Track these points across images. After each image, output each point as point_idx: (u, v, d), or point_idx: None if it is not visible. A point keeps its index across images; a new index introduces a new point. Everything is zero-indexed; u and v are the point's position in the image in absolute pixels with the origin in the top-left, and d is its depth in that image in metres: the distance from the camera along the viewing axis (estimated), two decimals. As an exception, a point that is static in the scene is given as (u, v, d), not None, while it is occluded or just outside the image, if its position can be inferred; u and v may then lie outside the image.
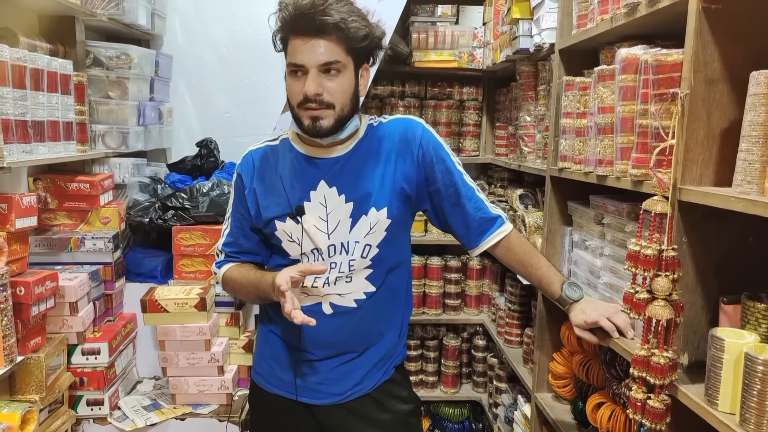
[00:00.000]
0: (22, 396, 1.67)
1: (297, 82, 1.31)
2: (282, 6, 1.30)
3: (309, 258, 1.42)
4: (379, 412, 1.50)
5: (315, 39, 1.27)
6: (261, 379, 1.54)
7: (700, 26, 1.08)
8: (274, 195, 1.43)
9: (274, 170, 1.45)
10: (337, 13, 1.26)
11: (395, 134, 1.44)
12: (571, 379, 1.84)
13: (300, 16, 1.26)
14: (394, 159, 1.42)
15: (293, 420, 1.51)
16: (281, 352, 1.50)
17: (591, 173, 1.50)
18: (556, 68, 1.79)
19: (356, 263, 1.41)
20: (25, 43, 1.79)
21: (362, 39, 1.31)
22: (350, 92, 1.35)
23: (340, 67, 1.31)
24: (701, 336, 1.16)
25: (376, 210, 1.40)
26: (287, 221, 1.40)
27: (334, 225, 1.40)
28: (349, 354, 1.47)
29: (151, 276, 2.27)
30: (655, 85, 1.18)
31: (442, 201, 1.46)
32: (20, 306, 1.60)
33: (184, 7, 2.78)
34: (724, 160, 1.10)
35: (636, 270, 1.14)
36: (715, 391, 1.02)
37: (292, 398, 1.49)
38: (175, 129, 2.83)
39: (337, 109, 1.32)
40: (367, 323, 1.46)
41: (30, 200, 1.67)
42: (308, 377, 1.47)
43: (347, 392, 1.47)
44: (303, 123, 1.34)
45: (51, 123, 1.84)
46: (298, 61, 1.29)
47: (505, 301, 2.51)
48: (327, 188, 1.41)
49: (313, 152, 1.43)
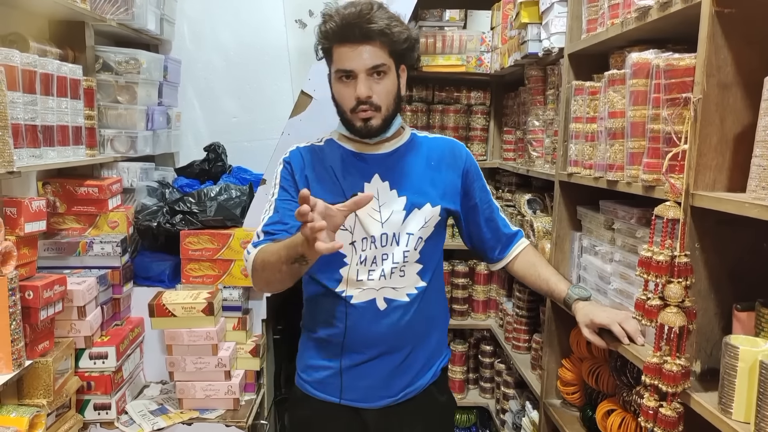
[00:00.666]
0: (29, 400, 1.67)
1: (347, 87, 1.41)
2: (327, 18, 1.39)
3: (358, 247, 1.46)
4: (426, 414, 1.55)
5: (362, 45, 1.37)
6: (306, 385, 1.55)
7: (713, 30, 1.07)
8: (326, 184, 1.48)
9: (323, 164, 1.51)
10: (381, 20, 1.36)
11: (444, 148, 1.57)
12: (581, 386, 1.82)
13: (347, 26, 1.35)
14: (444, 168, 1.54)
15: (339, 425, 1.52)
16: (327, 356, 1.52)
17: (601, 178, 1.49)
18: (565, 73, 1.78)
19: (410, 255, 1.48)
20: (35, 48, 1.80)
21: (403, 42, 1.42)
22: (394, 92, 1.45)
23: (386, 69, 1.40)
24: (714, 343, 1.14)
25: (431, 206, 1.49)
26: None
27: (387, 215, 1.47)
28: (399, 354, 1.50)
29: (158, 280, 2.27)
30: (667, 90, 1.17)
31: (478, 216, 1.59)
32: (29, 310, 1.60)
33: (193, 13, 2.79)
34: (737, 166, 1.09)
35: (648, 276, 1.13)
36: (729, 399, 1.01)
37: (338, 402, 1.51)
38: (183, 133, 2.84)
39: (383, 110, 1.43)
40: (418, 319, 1.50)
41: (39, 204, 1.67)
42: (357, 381, 1.50)
43: (398, 395, 1.51)
44: (355, 125, 1.44)
45: (60, 127, 1.84)
46: (348, 67, 1.38)
47: (513, 306, 2.50)
48: (380, 182, 1.48)
49: (362, 149, 1.51)
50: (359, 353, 1.48)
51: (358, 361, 1.49)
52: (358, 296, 1.46)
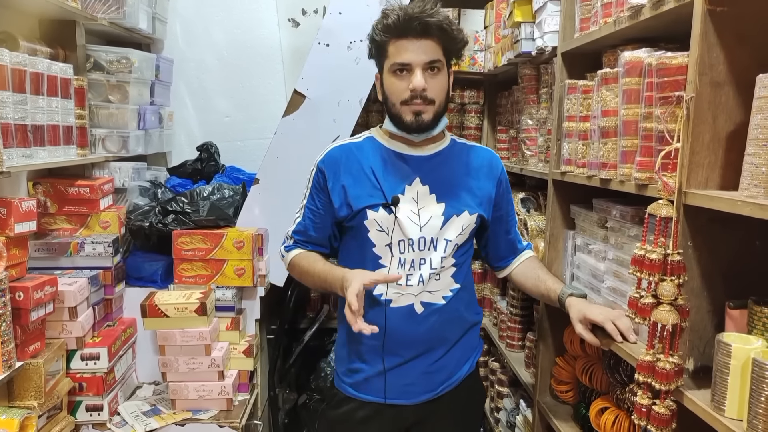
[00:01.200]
0: (20, 402, 1.66)
1: (401, 80, 1.42)
2: (389, 12, 1.41)
3: (395, 250, 1.48)
4: (464, 405, 1.60)
5: (421, 40, 1.40)
6: (349, 387, 1.58)
7: (706, 29, 1.07)
8: (365, 186, 1.49)
9: (362, 163, 1.52)
10: (441, 17, 1.40)
11: (484, 158, 1.60)
12: (574, 384, 1.82)
13: (410, 20, 1.38)
14: (483, 177, 1.57)
15: (383, 422, 1.56)
16: (368, 359, 1.54)
17: (594, 177, 1.49)
18: (558, 71, 1.78)
19: (447, 261, 1.51)
20: (25, 47, 1.79)
21: (458, 42, 1.46)
22: (446, 90, 1.48)
23: (440, 66, 1.43)
24: (707, 341, 1.15)
25: (468, 213, 1.52)
26: (380, 211, 1.47)
27: (425, 220, 1.49)
28: (437, 352, 1.54)
29: (151, 280, 2.26)
30: (660, 88, 1.17)
31: (500, 227, 1.65)
32: (19, 311, 1.58)
33: (185, 11, 2.78)
34: (730, 164, 1.10)
35: (641, 274, 1.13)
36: (722, 397, 1.01)
37: (380, 402, 1.54)
38: (176, 133, 2.82)
39: (436, 105, 1.44)
40: (453, 319, 1.55)
41: (29, 205, 1.66)
42: (399, 380, 1.53)
43: (438, 388, 1.55)
44: (405, 119, 1.44)
45: (51, 127, 1.83)
46: (405, 60, 1.40)
47: (507, 305, 2.50)
48: (420, 186, 1.50)
49: (404, 149, 1.53)
50: (398, 355, 1.52)
51: (398, 363, 1.52)
52: (397, 300, 1.49)
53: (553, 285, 1.59)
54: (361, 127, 2.97)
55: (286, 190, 2.23)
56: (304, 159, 2.20)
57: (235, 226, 2.26)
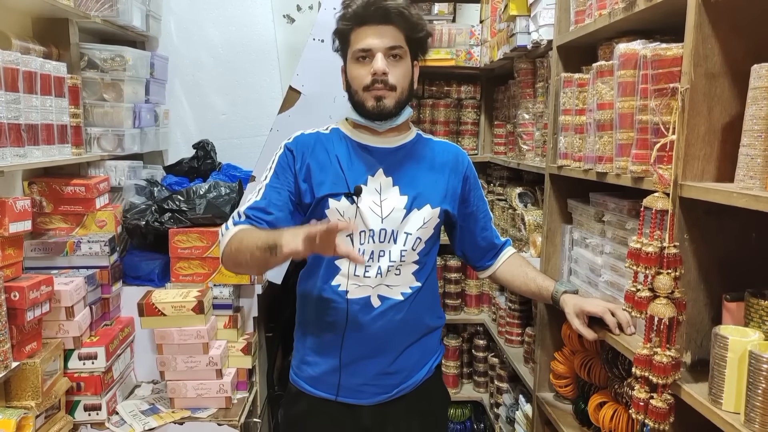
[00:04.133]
0: (17, 402, 1.65)
1: (363, 67, 1.42)
2: (348, 2, 1.42)
3: (356, 240, 1.45)
4: (421, 409, 1.56)
5: (382, 26, 1.40)
6: (301, 381, 1.56)
7: (700, 20, 1.06)
8: (329, 173, 1.47)
9: (329, 152, 1.50)
10: (400, 3, 1.41)
11: (449, 153, 1.58)
12: (573, 379, 1.82)
13: (367, 6, 1.39)
14: (448, 172, 1.55)
15: (335, 421, 1.53)
16: (324, 353, 1.52)
17: (590, 170, 1.48)
18: (554, 65, 1.78)
19: (407, 255, 1.48)
20: (17, 45, 1.78)
21: (420, 30, 1.45)
22: (409, 78, 1.46)
23: (402, 53, 1.43)
24: (704, 334, 1.14)
25: (431, 207, 1.49)
26: (342, 200, 1.45)
27: (387, 212, 1.46)
28: (393, 352, 1.51)
29: (148, 279, 2.25)
30: (655, 80, 1.16)
31: (474, 224, 1.62)
32: (15, 311, 1.58)
33: (179, 9, 2.76)
34: (725, 156, 1.09)
35: (637, 268, 1.13)
36: (719, 390, 1.00)
37: (333, 399, 1.52)
38: (172, 131, 2.81)
39: (398, 92, 1.43)
40: (411, 318, 1.51)
41: (24, 204, 1.65)
42: (352, 378, 1.50)
43: (392, 392, 1.52)
44: (366, 104, 1.43)
45: (45, 126, 1.82)
46: (367, 45, 1.40)
47: (506, 300, 2.50)
48: (384, 177, 1.48)
49: (368, 140, 1.51)
50: (354, 351, 1.49)
51: (354, 358, 1.49)
52: (354, 291, 1.46)
53: (544, 282, 1.57)
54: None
55: (283, 187, 2.22)
56: (301, 156, 2.20)
57: (231, 224, 2.25)
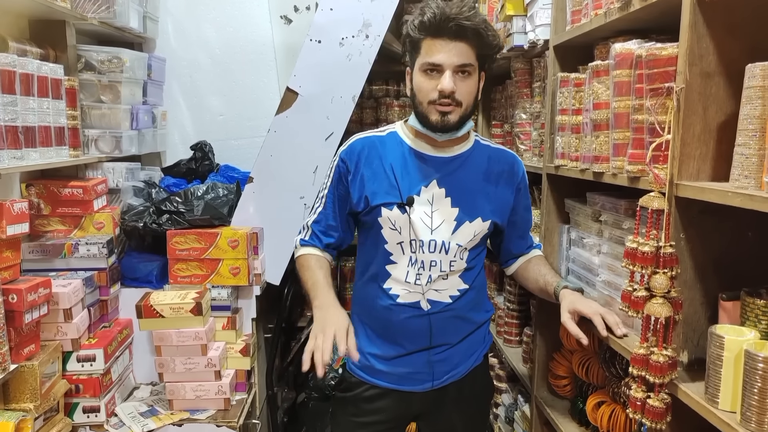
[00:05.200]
0: (16, 404, 1.65)
1: (430, 80, 1.41)
2: (425, 9, 1.39)
3: (406, 248, 1.49)
4: (471, 397, 1.61)
5: (455, 42, 1.38)
6: (354, 368, 1.61)
7: (695, 19, 1.06)
8: (382, 182, 1.49)
9: (382, 159, 1.52)
10: (478, 21, 1.38)
11: (505, 162, 1.59)
12: (571, 379, 1.82)
13: (446, 20, 1.36)
14: (503, 183, 1.56)
15: (385, 406, 1.58)
16: (374, 345, 1.57)
17: (587, 170, 1.48)
18: (550, 65, 1.78)
19: (456, 265, 1.52)
20: (14, 47, 1.77)
21: (493, 48, 1.44)
22: (474, 94, 1.46)
23: (472, 70, 1.42)
24: (701, 333, 1.14)
25: (482, 220, 1.52)
26: (394, 209, 1.48)
27: (438, 223, 1.48)
28: (442, 347, 1.55)
29: (146, 281, 2.25)
30: (650, 80, 1.16)
31: (514, 231, 1.65)
32: (13, 314, 1.58)
33: (176, 10, 2.76)
34: (721, 155, 1.09)
35: (634, 267, 1.13)
36: (716, 389, 1.01)
37: (386, 386, 1.56)
38: (170, 132, 2.81)
39: (463, 107, 1.44)
40: (460, 316, 1.55)
41: (21, 207, 1.65)
42: (401, 368, 1.55)
43: (443, 377, 1.56)
44: (431, 118, 1.44)
45: (42, 128, 1.82)
46: (437, 60, 1.39)
47: (504, 300, 2.50)
48: (437, 188, 1.49)
49: (425, 149, 1.53)
50: (403, 346, 1.54)
51: (403, 353, 1.54)
52: (404, 296, 1.52)
53: (551, 279, 1.59)
54: (355, 123, 2.97)
55: (281, 188, 2.22)
56: (298, 156, 2.20)
57: (229, 225, 2.25)
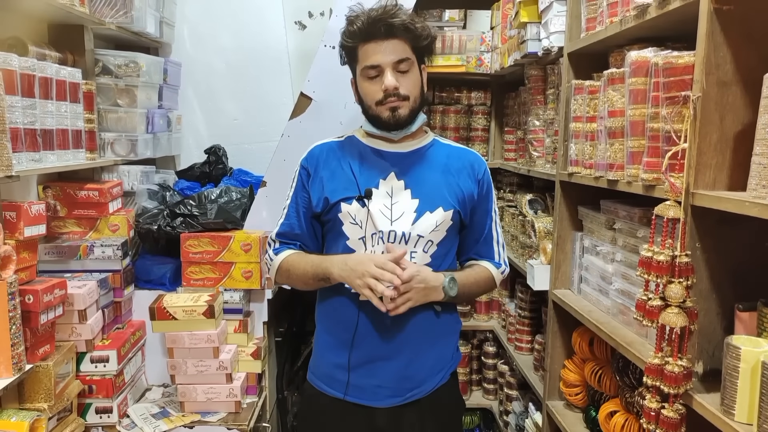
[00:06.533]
0: (30, 404, 1.67)
1: (374, 83, 1.44)
2: (353, 19, 1.44)
3: (368, 243, 1.47)
4: (434, 416, 1.54)
5: (387, 41, 1.42)
6: (316, 379, 1.58)
7: (712, 28, 1.06)
8: (341, 179, 1.50)
9: (341, 160, 1.53)
10: (404, 16, 1.42)
11: (465, 159, 1.56)
12: (583, 387, 1.81)
13: (373, 23, 1.41)
14: (465, 176, 1.54)
15: (346, 421, 1.53)
16: (337, 354, 1.52)
17: (601, 178, 1.48)
18: (564, 72, 1.78)
19: (418, 256, 1.47)
20: (34, 52, 1.80)
21: (425, 38, 1.47)
22: (419, 86, 1.48)
23: (410, 64, 1.44)
24: (716, 344, 1.13)
25: (443, 210, 1.48)
26: (353, 203, 1.47)
27: (398, 215, 1.47)
28: (406, 356, 1.50)
29: (159, 283, 2.27)
30: (666, 88, 1.16)
31: (469, 232, 1.58)
32: (29, 314, 1.59)
33: (193, 15, 2.79)
34: (738, 164, 1.08)
35: (649, 276, 1.12)
36: (732, 400, 1.00)
37: (347, 400, 1.52)
38: (184, 136, 2.83)
39: (411, 100, 1.45)
40: (426, 322, 1.50)
41: (38, 208, 1.67)
42: (365, 379, 1.50)
43: (405, 395, 1.51)
44: (382, 117, 1.45)
45: (60, 131, 1.84)
46: (375, 62, 1.42)
47: (516, 308, 2.49)
48: (396, 180, 1.49)
49: (381, 146, 1.53)
50: (367, 352, 1.49)
51: (366, 360, 1.49)
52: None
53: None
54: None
55: (294, 193, 2.23)
56: (311, 161, 2.21)
57: (242, 229, 2.27)
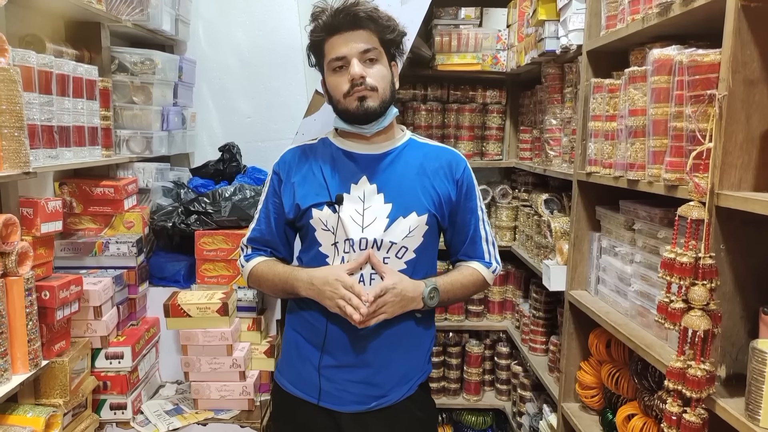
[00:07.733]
0: (46, 400, 1.68)
1: (341, 75, 1.41)
2: (317, 14, 1.42)
3: (340, 248, 1.43)
4: (401, 427, 1.50)
5: (352, 32, 1.39)
6: (284, 380, 1.55)
7: (739, 25, 1.04)
8: (313, 185, 1.47)
9: (312, 164, 1.50)
10: (369, 7, 1.40)
11: (443, 158, 1.51)
12: (600, 389, 1.79)
13: (336, 14, 1.38)
14: (441, 177, 1.48)
15: (314, 424, 1.51)
16: (306, 355, 1.50)
17: (621, 177, 1.45)
18: (583, 70, 1.75)
19: (391, 262, 1.43)
20: (51, 49, 1.81)
21: (391, 31, 1.43)
22: (388, 78, 1.44)
23: (377, 54, 1.41)
24: (740, 348, 1.11)
25: (417, 215, 1.44)
26: (324, 209, 1.44)
27: (369, 221, 1.43)
28: (374, 364, 1.46)
29: (173, 280, 2.28)
30: (691, 87, 1.13)
31: (455, 233, 1.54)
32: (45, 310, 1.60)
33: (208, 13, 2.80)
34: (764, 164, 1.06)
35: (671, 278, 1.10)
36: (757, 405, 0.98)
37: (313, 402, 1.49)
38: (198, 134, 2.84)
39: (380, 92, 1.41)
40: (397, 331, 1.45)
41: (55, 205, 1.68)
42: (332, 383, 1.47)
43: (370, 404, 1.47)
44: (350, 108, 1.41)
45: (76, 128, 1.85)
46: (341, 53, 1.39)
47: (530, 308, 2.47)
48: (368, 184, 1.45)
49: (354, 147, 1.49)
50: (336, 357, 1.46)
51: (334, 364, 1.46)
52: None
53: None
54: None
55: (308, 191, 2.23)
56: (326, 160, 2.20)
57: (256, 227, 2.26)
